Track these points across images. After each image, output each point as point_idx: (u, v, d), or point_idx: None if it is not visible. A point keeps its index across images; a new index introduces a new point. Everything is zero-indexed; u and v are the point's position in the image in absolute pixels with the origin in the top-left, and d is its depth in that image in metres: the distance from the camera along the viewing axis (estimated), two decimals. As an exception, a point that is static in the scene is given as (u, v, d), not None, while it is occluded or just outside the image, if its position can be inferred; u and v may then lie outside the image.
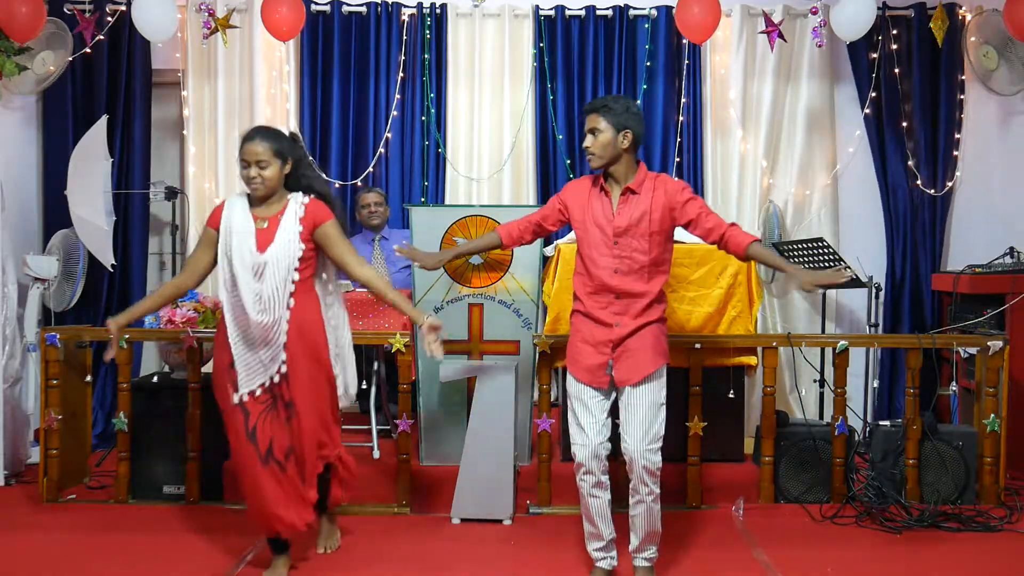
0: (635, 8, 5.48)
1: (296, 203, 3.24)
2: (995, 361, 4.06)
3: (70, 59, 5.17)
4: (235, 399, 3.14)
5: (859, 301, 5.47)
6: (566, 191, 3.31)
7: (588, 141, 3.14)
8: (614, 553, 3.25)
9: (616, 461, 3.25)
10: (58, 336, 4.09)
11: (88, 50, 5.18)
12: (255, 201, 3.24)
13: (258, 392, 3.16)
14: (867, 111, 5.45)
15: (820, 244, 4.80)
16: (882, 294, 5.34)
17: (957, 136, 5.47)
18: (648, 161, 5.44)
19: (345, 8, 5.46)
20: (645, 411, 3.08)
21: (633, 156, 3.16)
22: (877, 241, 5.52)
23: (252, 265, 3.15)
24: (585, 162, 5.48)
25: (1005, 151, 5.32)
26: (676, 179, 3.23)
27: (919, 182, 5.44)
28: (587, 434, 3.12)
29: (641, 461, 3.05)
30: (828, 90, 5.53)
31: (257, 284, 3.14)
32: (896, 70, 5.44)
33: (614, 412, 3.18)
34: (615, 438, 3.16)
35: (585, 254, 3.19)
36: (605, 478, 3.15)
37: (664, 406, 3.13)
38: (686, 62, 5.46)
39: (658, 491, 3.11)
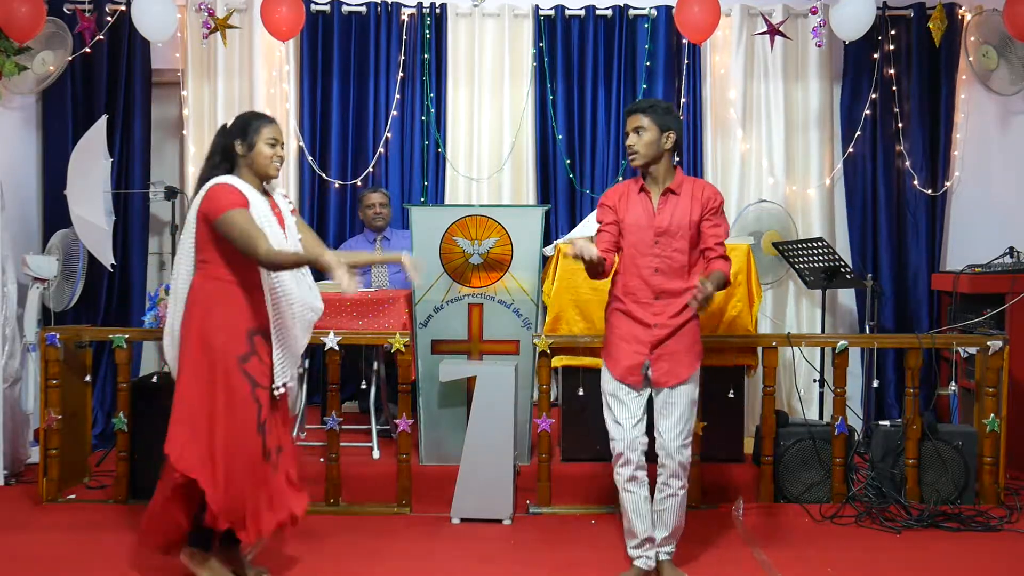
0: (635, 8, 5.48)
1: (278, 190, 3.22)
2: (995, 361, 4.06)
3: (70, 59, 5.17)
4: (275, 390, 3.07)
5: (859, 301, 5.47)
6: (607, 196, 3.32)
7: (632, 139, 3.17)
8: (651, 553, 3.25)
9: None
10: (58, 336, 4.09)
11: (88, 50, 5.19)
12: (256, 187, 3.13)
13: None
14: (867, 111, 5.45)
15: (820, 244, 4.80)
16: (882, 294, 5.34)
17: (956, 136, 5.48)
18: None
19: (345, 8, 5.46)
20: (682, 410, 3.17)
21: (672, 158, 3.21)
22: (876, 241, 5.52)
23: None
24: (585, 163, 5.53)
25: (1004, 151, 5.32)
26: (715, 187, 3.26)
27: (917, 182, 5.44)
28: (623, 427, 3.18)
29: (677, 456, 3.14)
30: (828, 90, 5.53)
31: (302, 276, 3.17)
32: (896, 70, 5.45)
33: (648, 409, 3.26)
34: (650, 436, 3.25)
35: (627, 253, 3.23)
36: (641, 473, 3.19)
37: (696, 404, 3.24)
38: (686, 62, 5.46)
39: (687, 484, 3.20)
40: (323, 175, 5.49)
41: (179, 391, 2.99)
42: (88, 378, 4.34)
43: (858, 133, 5.48)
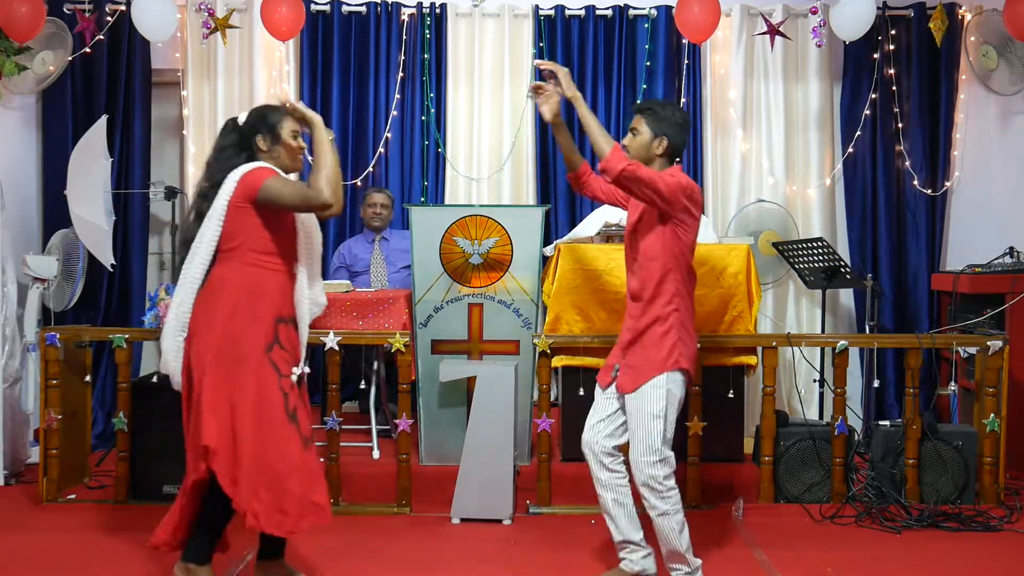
0: (635, 8, 5.48)
1: None
2: (995, 361, 4.06)
3: (70, 59, 5.17)
4: (293, 377, 2.97)
5: (859, 301, 5.47)
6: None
7: (627, 140, 3.18)
8: (634, 556, 3.20)
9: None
10: (58, 336, 4.08)
11: (88, 50, 5.19)
12: None
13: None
14: (867, 111, 5.45)
15: (820, 244, 4.80)
16: (882, 294, 5.34)
17: (956, 136, 5.48)
18: (648, 161, 5.45)
19: (345, 8, 5.46)
20: (638, 421, 3.05)
21: (666, 162, 3.15)
22: (876, 241, 5.52)
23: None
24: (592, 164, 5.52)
25: (1004, 151, 5.33)
26: (679, 173, 3.11)
27: (917, 182, 5.44)
28: (586, 426, 3.19)
29: (636, 472, 3.05)
30: (828, 90, 5.54)
31: (313, 271, 3.15)
32: (896, 70, 5.45)
33: None
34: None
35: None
36: (604, 475, 3.15)
37: (660, 417, 3.02)
38: (686, 62, 5.46)
39: (665, 508, 3.02)
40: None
41: (211, 382, 2.87)
42: (88, 378, 4.34)
43: (858, 133, 5.48)
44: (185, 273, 3.00)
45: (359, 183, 5.47)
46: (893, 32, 5.43)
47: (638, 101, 3.14)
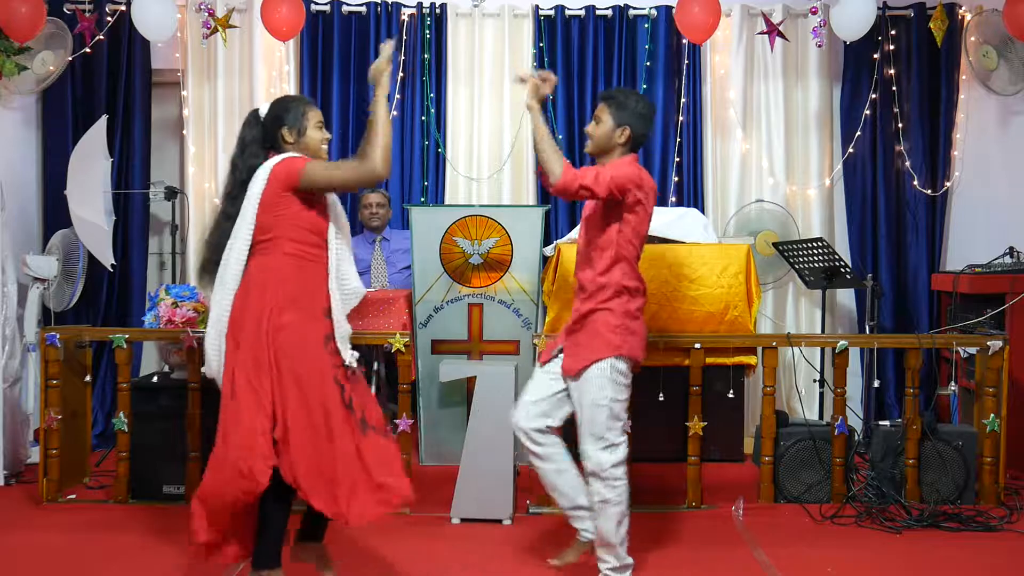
0: (635, 8, 5.48)
1: None
2: (995, 361, 4.06)
3: (70, 59, 5.17)
4: (349, 362, 2.93)
5: (859, 301, 5.47)
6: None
7: (590, 127, 3.19)
8: (587, 524, 3.18)
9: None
10: (58, 336, 4.08)
11: (88, 50, 5.19)
12: None
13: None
14: (867, 111, 5.45)
15: (820, 244, 4.80)
16: (882, 294, 5.34)
17: (956, 136, 5.48)
18: (648, 161, 5.45)
19: (345, 8, 5.46)
20: (582, 409, 3.06)
21: (626, 150, 3.15)
22: (876, 241, 5.52)
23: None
24: (584, 163, 5.51)
25: (1004, 151, 5.33)
26: (625, 163, 3.09)
27: (917, 182, 5.44)
28: (518, 407, 3.21)
29: (586, 460, 3.06)
30: (828, 90, 5.53)
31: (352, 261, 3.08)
32: (896, 70, 5.45)
33: None
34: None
35: None
36: (538, 448, 3.15)
37: (603, 406, 3.03)
38: (686, 62, 5.46)
39: (608, 496, 3.03)
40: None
41: (267, 379, 2.78)
42: (88, 378, 4.34)
43: (858, 133, 5.47)
44: (223, 273, 2.91)
45: (359, 183, 5.47)
46: (893, 32, 5.43)
47: (609, 89, 3.20)
